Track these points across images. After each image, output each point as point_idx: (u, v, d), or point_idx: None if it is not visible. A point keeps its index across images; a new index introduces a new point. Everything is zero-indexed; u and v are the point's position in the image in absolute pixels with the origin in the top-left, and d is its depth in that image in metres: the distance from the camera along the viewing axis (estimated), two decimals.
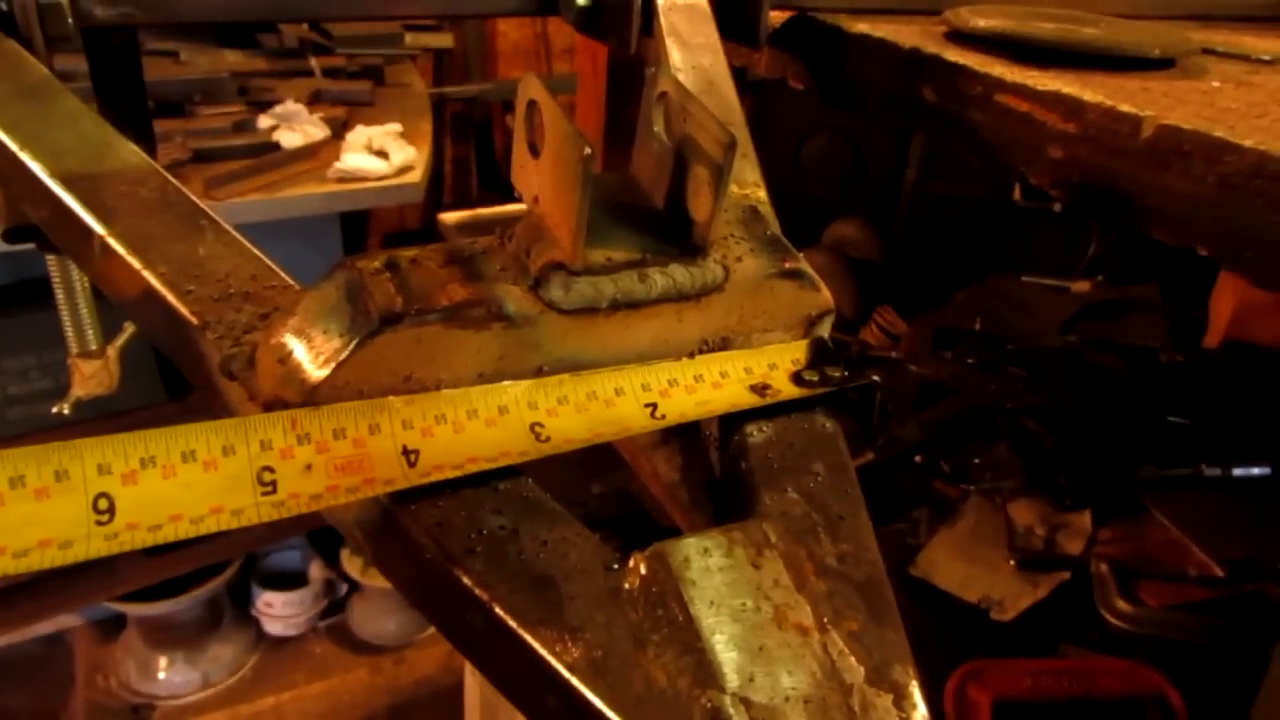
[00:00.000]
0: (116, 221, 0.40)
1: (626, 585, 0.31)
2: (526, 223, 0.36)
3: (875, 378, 0.41)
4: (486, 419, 0.34)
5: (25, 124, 0.44)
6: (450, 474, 0.33)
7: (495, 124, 3.07)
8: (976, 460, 1.25)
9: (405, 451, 0.33)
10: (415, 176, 1.71)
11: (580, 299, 0.35)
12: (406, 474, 0.32)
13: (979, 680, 0.95)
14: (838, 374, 0.40)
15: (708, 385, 0.38)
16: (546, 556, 0.32)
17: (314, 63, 2.11)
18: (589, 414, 0.36)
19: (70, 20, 0.55)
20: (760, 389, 0.39)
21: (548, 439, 0.34)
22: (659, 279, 0.36)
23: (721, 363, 0.39)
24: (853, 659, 0.30)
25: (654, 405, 0.37)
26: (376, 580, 2.14)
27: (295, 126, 1.76)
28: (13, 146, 0.43)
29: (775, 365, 0.40)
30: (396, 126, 1.80)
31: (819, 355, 0.41)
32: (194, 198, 0.42)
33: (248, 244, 0.40)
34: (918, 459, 1.24)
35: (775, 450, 0.37)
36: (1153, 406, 1.26)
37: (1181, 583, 1.03)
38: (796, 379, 0.40)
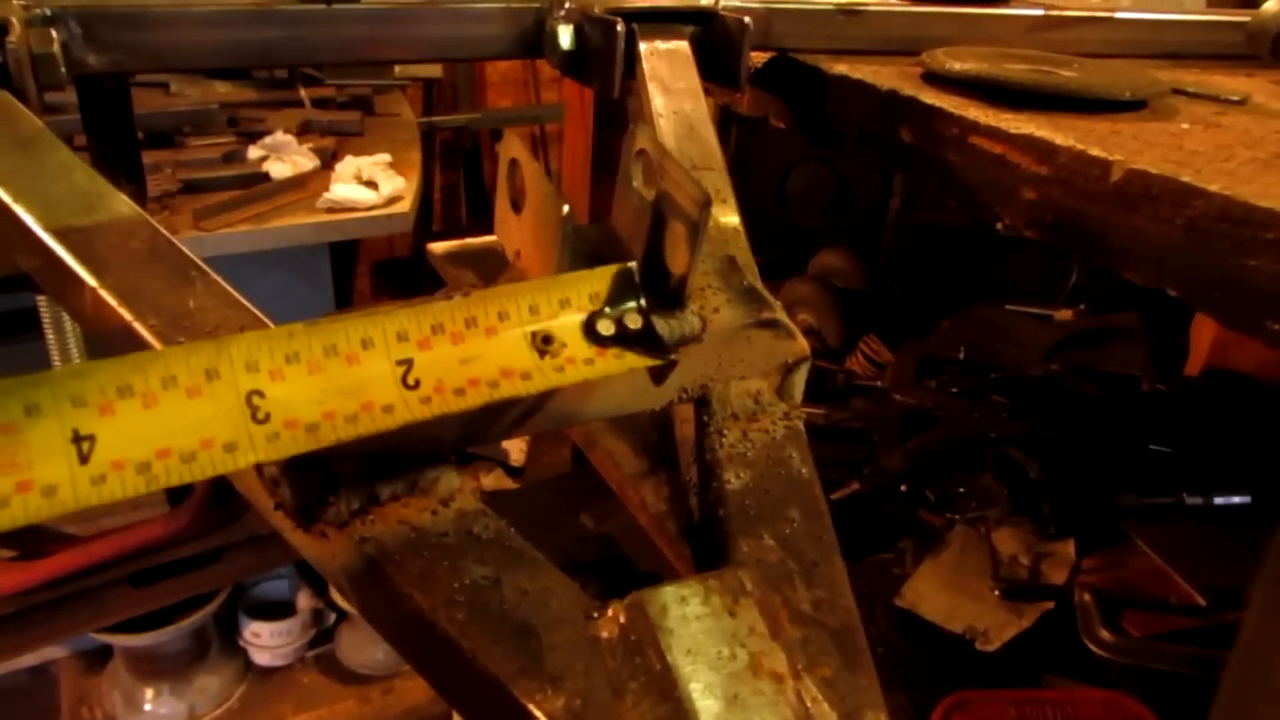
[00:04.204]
0: (108, 273, 0.41)
1: (605, 634, 0.32)
2: (509, 276, 0.38)
3: (672, 357, 0.36)
4: (189, 387, 0.30)
5: (18, 176, 0.45)
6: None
7: (484, 152, 3.09)
8: (961, 489, 1.26)
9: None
10: (404, 206, 1.72)
11: None
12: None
13: (964, 711, 0.95)
14: (637, 325, 0.36)
15: (480, 332, 0.34)
16: (528, 606, 0.32)
17: (303, 93, 2.13)
18: (325, 375, 0.32)
19: (63, 69, 0.56)
20: (543, 341, 0.35)
21: (266, 416, 0.31)
22: None
23: (502, 300, 0.35)
24: (826, 705, 0.31)
25: (409, 362, 0.33)
26: None
27: (285, 157, 1.77)
28: (5, 198, 0.44)
29: (568, 302, 0.36)
30: (385, 157, 1.81)
31: (620, 290, 0.36)
32: (184, 249, 0.43)
33: (238, 295, 0.41)
34: (903, 488, 1.25)
35: (752, 497, 0.38)
36: (1135, 435, 1.27)
37: (1164, 612, 1.04)
38: (589, 329, 0.35)
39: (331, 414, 0.31)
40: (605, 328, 0.35)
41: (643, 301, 0.36)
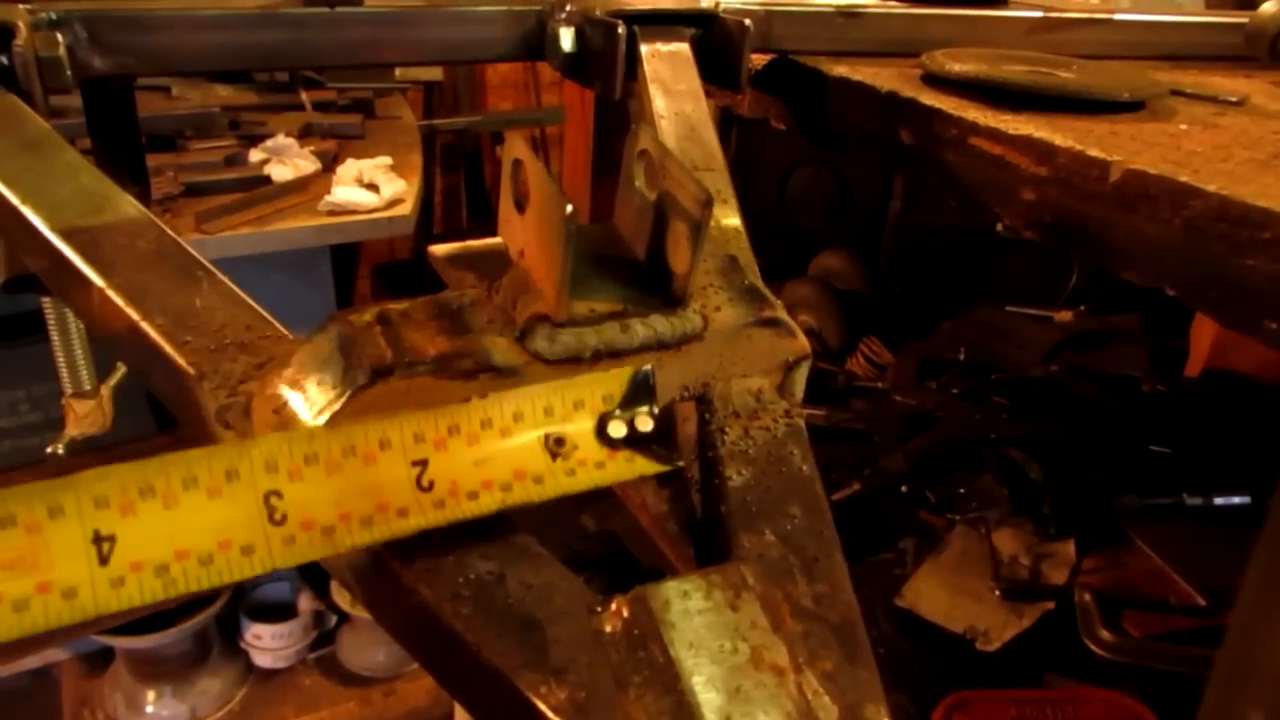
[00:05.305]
0: (115, 273, 0.41)
1: (609, 628, 0.32)
2: (513, 275, 0.38)
3: (680, 463, 0.37)
4: (209, 488, 0.30)
5: (26, 177, 0.46)
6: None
7: (485, 155, 3.10)
8: (962, 490, 1.26)
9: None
10: (405, 209, 1.73)
11: (564, 350, 0.37)
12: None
13: (965, 711, 0.96)
14: (648, 427, 0.36)
15: (495, 433, 0.34)
16: (532, 600, 0.33)
17: (305, 96, 2.13)
18: (343, 476, 0.32)
19: (69, 73, 0.57)
20: (556, 443, 0.35)
21: (283, 518, 0.31)
22: (640, 329, 0.38)
23: (517, 401, 0.35)
24: (827, 699, 0.31)
25: (424, 463, 0.33)
26: (366, 611, 2.13)
27: (286, 160, 1.77)
28: (14, 200, 0.44)
29: (582, 404, 0.36)
30: (386, 159, 1.82)
31: (634, 393, 0.37)
32: (190, 249, 0.43)
33: (243, 294, 0.42)
34: (904, 489, 1.26)
35: (753, 493, 0.38)
36: (1135, 436, 1.27)
37: (1164, 612, 1.04)
38: (600, 431, 0.36)
39: (348, 515, 0.32)
40: (616, 430, 0.36)
41: (655, 408, 0.37)
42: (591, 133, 1.89)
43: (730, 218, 0.54)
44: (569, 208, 0.33)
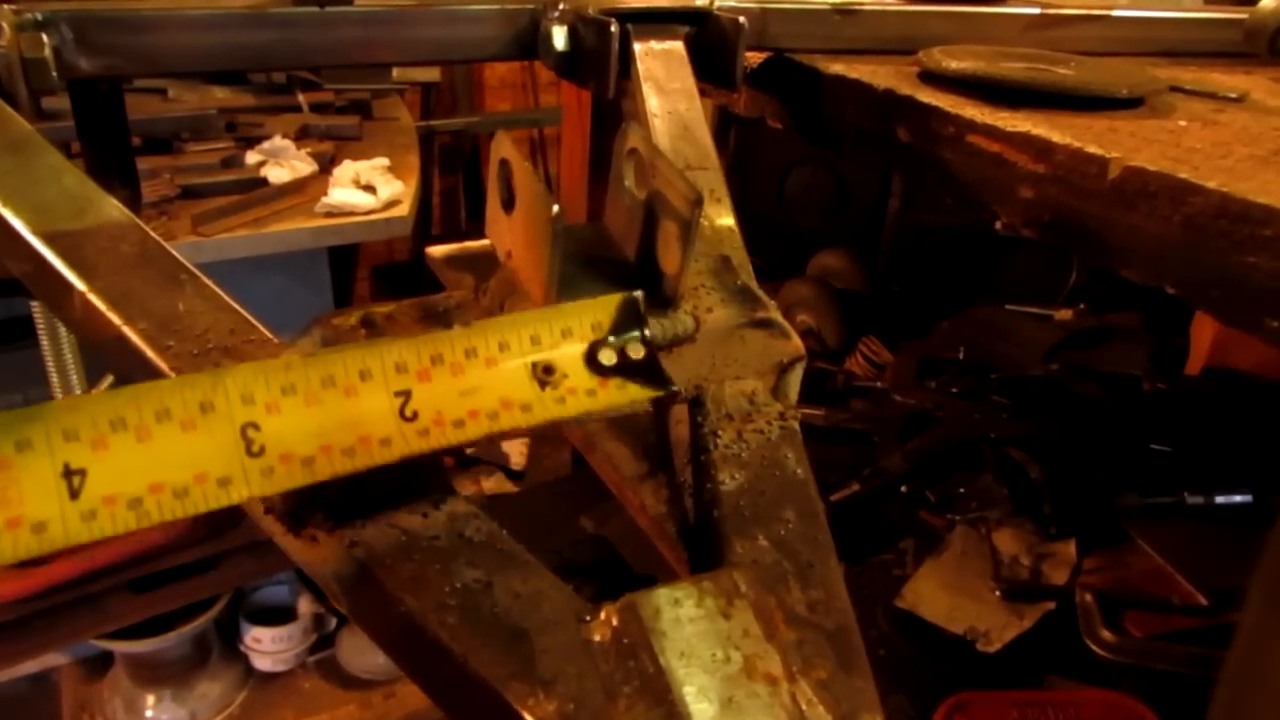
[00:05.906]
0: (97, 277, 0.41)
1: (598, 637, 0.31)
2: (500, 277, 0.37)
3: (674, 388, 0.36)
4: (183, 420, 0.30)
5: (7, 180, 0.45)
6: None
7: (483, 156, 3.09)
8: (962, 490, 1.25)
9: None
10: (402, 210, 1.72)
11: None
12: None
13: (966, 713, 0.95)
14: (640, 355, 0.35)
15: (480, 362, 0.33)
16: (520, 609, 0.32)
17: (301, 98, 2.13)
18: (322, 408, 0.31)
19: (54, 73, 0.56)
20: (544, 372, 0.34)
21: (260, 450, 0.30)
22: None
23: (502, 331, 0.34)
24: (821, 708, 0.31)
25: (407, 394, 0.32)
26: None
27: (283, 162, 1.77)
28: None
29: (570, 332, 0.35)
30: (384, 161, 1.81)
31: (624, 320, 0.36)
32: (174, 252, 0.42)
33: (227, 298, 0.41)
34: (903, 489, 1.25)
35: (747, 498, 0.37)
36: (1135, 435, 1.27)
37: (1166, 612, 1.04)
38: (591, 359, 0.35)
39: (328, 447, 0.31)
40: (607, 357, 0.35)
41: (647, 331, 0.36)
42: (589, 133, 1.88)
43: (724, 217, 0.53)
44: (555, 207, 0.32)
